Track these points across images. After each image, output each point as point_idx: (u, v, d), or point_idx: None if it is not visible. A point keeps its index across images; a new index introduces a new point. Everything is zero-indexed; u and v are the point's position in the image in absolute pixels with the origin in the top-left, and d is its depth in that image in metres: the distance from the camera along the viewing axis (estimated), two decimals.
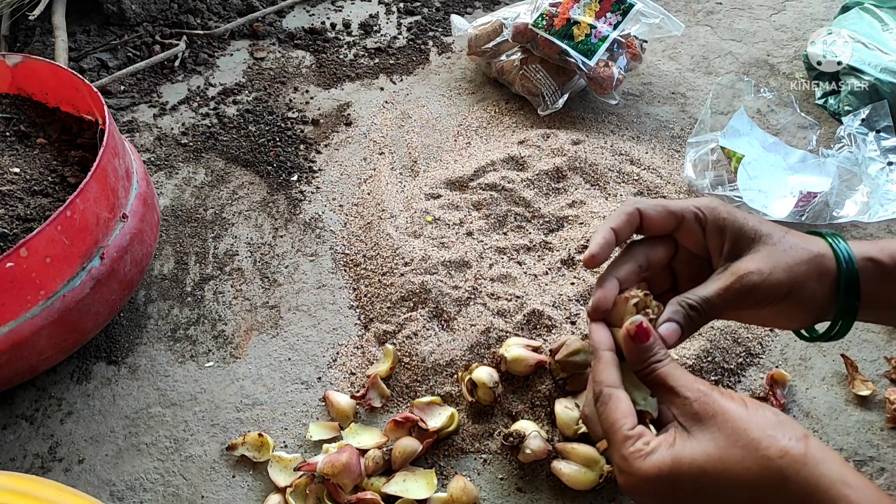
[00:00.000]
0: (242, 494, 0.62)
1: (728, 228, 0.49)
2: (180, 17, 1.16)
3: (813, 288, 0.48)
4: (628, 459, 0.43)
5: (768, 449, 0.39)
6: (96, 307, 0.65)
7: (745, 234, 0.49)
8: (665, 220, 0.51)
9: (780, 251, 0.48)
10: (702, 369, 0.66)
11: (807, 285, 0.48)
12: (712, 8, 1.18)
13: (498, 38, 0.99)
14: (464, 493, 0.58)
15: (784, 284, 0.47)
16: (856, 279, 0.48)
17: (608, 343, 0.48)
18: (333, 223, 0.85)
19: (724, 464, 0.40)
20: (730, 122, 0.86)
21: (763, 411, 0.42)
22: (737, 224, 0.49)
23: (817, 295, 0.48)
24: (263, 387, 0.69)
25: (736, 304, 0.49)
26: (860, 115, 0.84)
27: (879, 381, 0.67)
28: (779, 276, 0.47)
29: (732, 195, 0.81)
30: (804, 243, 0.49)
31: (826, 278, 0.48)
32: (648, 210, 0.51)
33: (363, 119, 1.00)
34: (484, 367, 0.64)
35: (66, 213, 0.58)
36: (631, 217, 0.51)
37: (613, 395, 0.45)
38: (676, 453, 0.42)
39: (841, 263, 0.48)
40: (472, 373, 0.64)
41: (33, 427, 0.68)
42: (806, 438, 0.40)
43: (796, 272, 0.47)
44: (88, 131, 0.77)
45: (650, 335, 0.46)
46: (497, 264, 0.75)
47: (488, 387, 0.62)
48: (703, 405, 0.43)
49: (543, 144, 0.88)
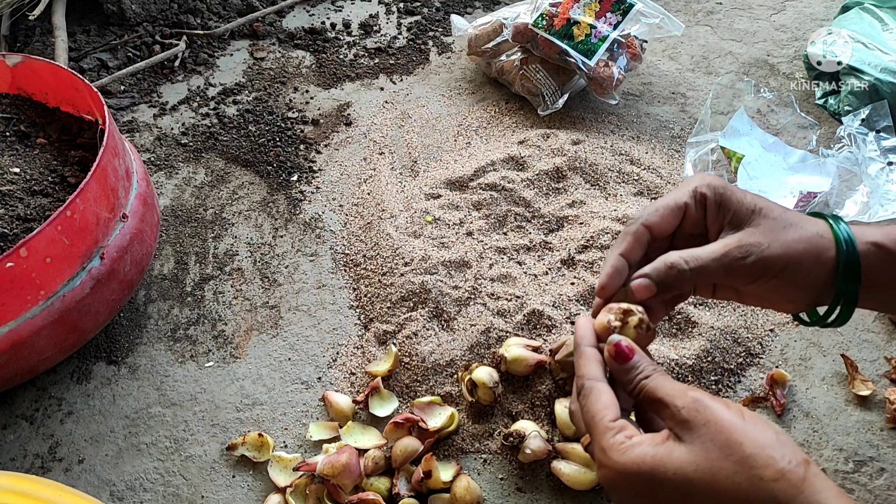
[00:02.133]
0: (242, 494, 0.62)
1: (727, 204, 0.49)
2: (180, 17, 1.16)
3: (809, 266, 0.47)
4: (607, 451, 0.42)
5: (764, 469, 0.38)
6: (96, 307, 0.65)
7: (745, 207, 0.48)
8: (671, 218, 0.50)
9: (779, 226, 0.47)
10: (702, 369, 0.66)
11: (803, 263, 0.47)
12: (712, 8, 1.18)
13: (498, 38, 0.99)
14: (467, 493, 0.58)
15: (780, 258, 0.47)
16: (856, 262, 0.47)
17: (590, 339, 0.47)
18: (333, 223, 0.85)
19: (713, 475, 0.38)
20: (730, 122, 0.86)
21: (762, 427, 0.40)
22: (735, 198, 0.48)
23: (814, 274, 0.47)
24: (263, 387, 0.69)
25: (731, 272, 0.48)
26: (860, 115, 0.84)
27: (879, 381, 0.67)
28: (775, 250, 0.47)
29: None
30: (804, 222, 0.48)
31: (824, 259, 0.47)
32: (652, 219, 0.50)
33: (363, 119, 1.00)
34: (484, 367, 0.64)
35: (66, 213, 0.58)
36: (638, 236, 0.50)
37: (595, 387, 0.45)
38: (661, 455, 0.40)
39: (840, 245, 0.47)
40: (472, 373, 0.64)
41: (33, 427, 0.68)
42: (807, 464, 0.38)
43: (793, 248, 0.47)
44: (88, 131, 0.77)
45: (632, 354, 0.45)
46: (497, 264, 0.75)
47: (488, 387, 0.62)
48: (693, 412, 0.41)
49: (543, 144, 0.88)
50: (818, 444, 0.62)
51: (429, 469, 0.59)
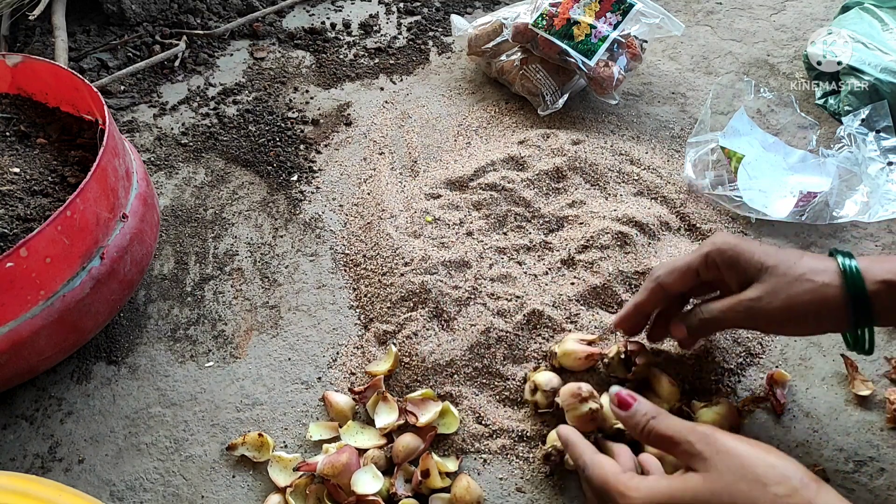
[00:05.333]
0: (242, 494, 0.62)
1: (736, 265, 0.55)
2: (180, 17, 1.16)
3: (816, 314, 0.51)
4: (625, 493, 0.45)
5: (778, 486, 0.40)
6: (96, 307, 0.65)
7: (753, 265, 0.54)
8: (684, 280, 0.58)
9: (784, 282, 0.52)
10: (702, 369, 0.66)
11: (809, 313, 0.51)
12: (712, 8, 1.18)
13: (498, 38, 0.99)
14: (467, 493, 0.58)
15: (782, 312, 0.51)
16: (867, 304, 0.50)
17: (574, 434, 0.56)
18: (333, 223, 0.85)
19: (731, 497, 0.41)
20: (730, 122, 0.86)
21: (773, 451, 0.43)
22: (743, 259, 0.54)
23: (825, 319, 0.51)
24: (263, 387, 0.69)
25: (740, 323, 0.55)
26: (860, 115, 0.84)
27: (879, 381, 0.67)
28: (777, 305, 0.51)
29: (733, 195, 0.81)
30: (812, 273, 0.51)
31: (833, 306, 0.51)
32: (667, 280, 0.58)
33: (363, 119, 1.00)
34: (548, 372, 0.64)
35: (66, 213, 0.58)
36: (653, 293, 0.59)
37: (594, 459, 0.50)
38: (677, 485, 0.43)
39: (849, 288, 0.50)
40: (535, 374, 0.64)
41: (33, 427, 0.68)
42: (818, 483, 0.41)
43: (797, 301, 0.51)
44: (88, 131, 0.77)
45: (633, 400, 0.51)
46: (497, 264, 0.75)
47: (543, 390, 0.62)
48: (705, 444, 0.44)
49: (543, 144, 0.88)
50: (818, 444, 0.62)
51: (426, 468, 0.59)
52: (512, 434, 0.64)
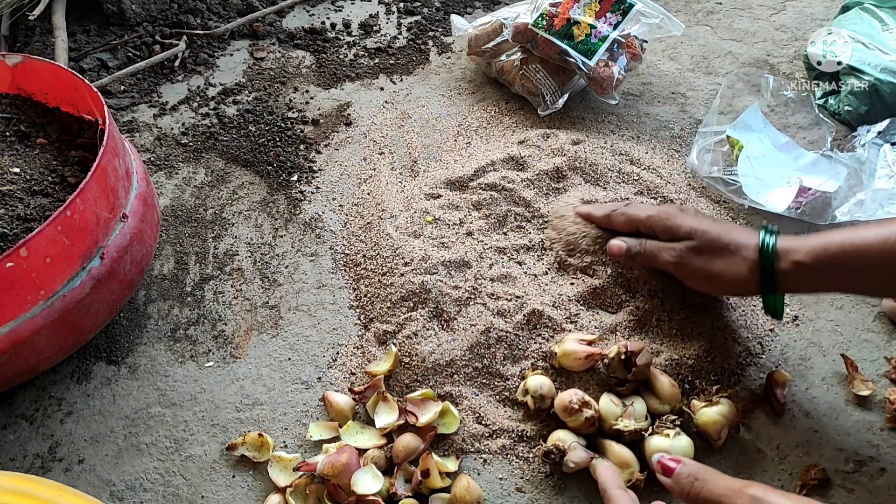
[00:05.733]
0: (242, 494, 0.62)
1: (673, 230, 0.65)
2: (180, 17, 1.16)
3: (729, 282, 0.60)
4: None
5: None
6: (96, 307, 0.65)
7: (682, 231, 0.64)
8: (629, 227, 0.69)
9: (712, 248, 0.62)
10: (702, 369, 0.66)
11: (723, 278, 0.61)
12: (712, 8, 1.18)
13: (498, 38, 0.99)
14: (467, 493, 0.58)
15: (702, 270, 0.62)
16: (774, 279, 0.58)
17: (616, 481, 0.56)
18: (333, 223, 0.85)
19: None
20: (742, 115, 0.85)
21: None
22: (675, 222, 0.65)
23: (735, 285, 0.61)
24: (263, 387, 0.69)
25: (671, 267, 0.64)
26: (876, 128, 0.84)
27: (879, 381, 0.67)
28: (699, 264, 0.62)
29: (729, 178, 0.80)
30: (734, 247, 0.60)
31: (744, 277, 0.60)
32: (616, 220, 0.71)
33: (363, 119, 1.00)
34: (542, 376, 0.64)
35: (66, 213, 0.58)
36: (609, 218, 0.72)
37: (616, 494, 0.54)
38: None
39: (763, 261, 0.59)
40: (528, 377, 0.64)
41: (33, 427, 0.68)
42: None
43: (715, 266, 0.61)
44: (88, 131, 0.77)
45: (676, 464, 0.51)
46: (497, 264, 0.75)
47: (531, 395, 0.63)
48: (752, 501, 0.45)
49: (543, 144, 0.88)
50: (818, 444, 0.62)
51: (426, 468, 0.59)
52: (512, 434, 0.64)
